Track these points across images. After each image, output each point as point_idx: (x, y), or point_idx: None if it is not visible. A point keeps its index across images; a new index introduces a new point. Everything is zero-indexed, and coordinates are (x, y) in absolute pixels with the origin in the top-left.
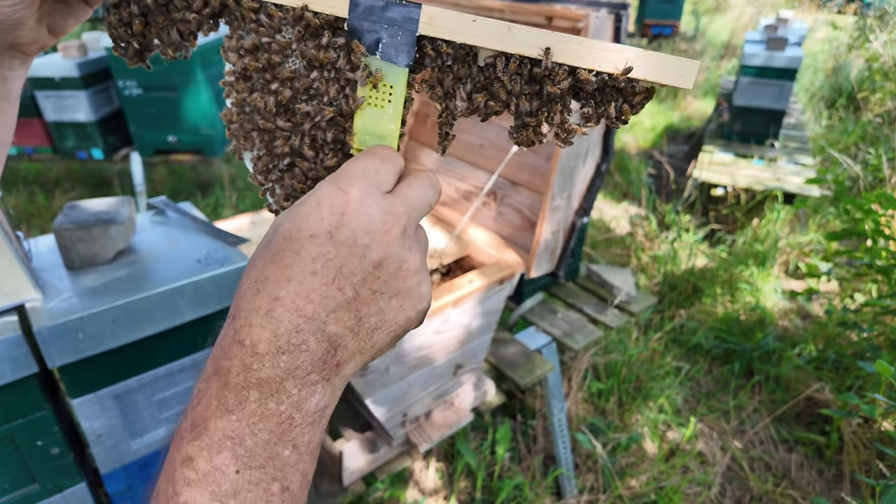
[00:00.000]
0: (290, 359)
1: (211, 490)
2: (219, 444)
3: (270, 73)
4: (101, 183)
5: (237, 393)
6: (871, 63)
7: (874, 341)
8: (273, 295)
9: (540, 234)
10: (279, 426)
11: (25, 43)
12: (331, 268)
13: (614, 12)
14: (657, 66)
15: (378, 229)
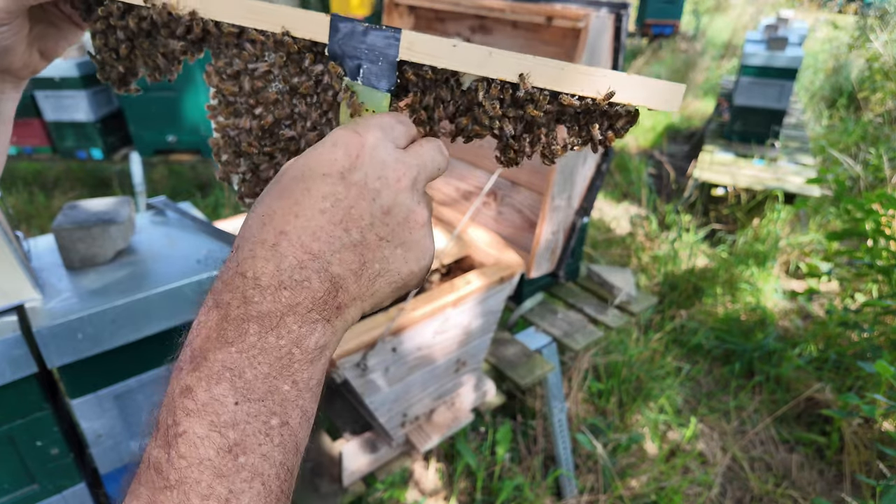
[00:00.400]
0: (292, 294)
1: (210, 420)
2: (217, 375)
3: (254, 97)
4: (100, 183)
5: (237, 325)
6: (872, 63)
7: (875, 341)
8: (279, 229)
9: (540, 234)
10: (279, 360)
11: (17, 68)
12: (340, 208)
13: (615, 12)
14: (642, 90)
15: (390, 176)
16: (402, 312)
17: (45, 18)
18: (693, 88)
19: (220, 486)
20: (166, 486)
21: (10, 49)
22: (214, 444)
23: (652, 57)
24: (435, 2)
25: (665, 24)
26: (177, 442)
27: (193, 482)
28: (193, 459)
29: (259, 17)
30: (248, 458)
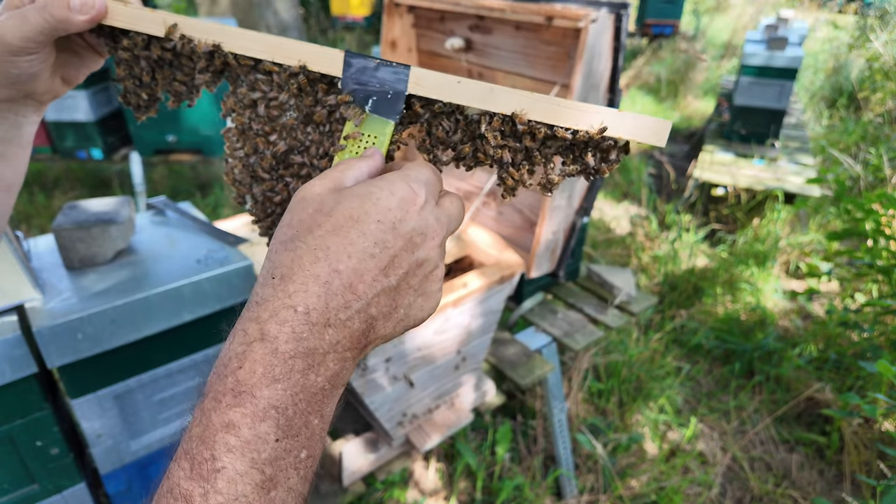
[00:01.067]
0: (335, 333)
1: (251, 457)
2: (263, 413)
3: (269, 125)
4: (100, 183)
5: (284, 361)
6: (872, 63)
7: (875, 341)
8: (334, 267)
9: (540, 234)
10: (314, 396)
11: (40, 93)
12: (386, 255)
13: (615, 12)
14: (632, 125)
15: (429, 234)
16: None
17: (69, 47)
18: (694, 88)
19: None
20: None
21: (36, 76)
22: (253, 480)
23: (652, 57)
24: (435, 2)
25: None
26: (215, 478)
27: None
28: (230, 496)
29: (278, 51)
30: (277, 491)
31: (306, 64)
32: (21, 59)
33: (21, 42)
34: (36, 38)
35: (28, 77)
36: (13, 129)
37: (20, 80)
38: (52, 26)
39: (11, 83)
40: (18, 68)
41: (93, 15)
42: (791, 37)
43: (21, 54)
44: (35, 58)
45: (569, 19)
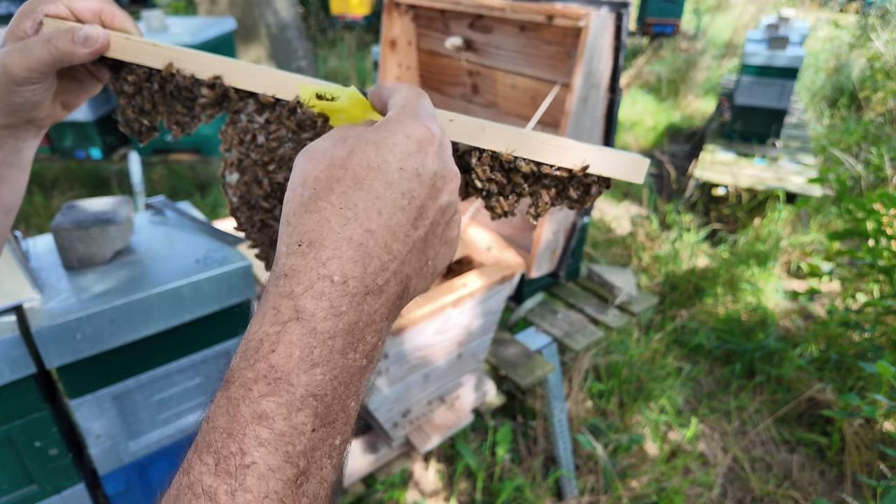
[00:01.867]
0: (374, 300)
1: (286, 451)
2: (301, 402)
3: (268, 155)
4: (99, 182)
5: (324, 342)
6: (873, 62)
7: (876, 342)
8: (366, 226)
9: (540, 234)
10: (352, 377)
11: (41, 118)
12: (415, 206)
13: (615, 11)
14: (612, 163)
15: (448, 175)
16: (402, 312)
17: (69, 74)
18: (694, 87)
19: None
20: None
21: (38, 104)
22: (285, 475)
23: (653, 56)
24: (435, 1)
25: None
26: (244, 474)
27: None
28: (260, 494)
29: (277, 85)
30: (309, 484)
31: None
32: (24, 88)
33: (25, 73)
34: (40, 69)
35: (31, 105)
36: (13, 153)
37: (23, 109)
38: (56, 58)
39: (14, 111)
40: (21, 97)
41: (96, 48)
42: (792, 36)
43: (25, 84)
44: (38, 87)
45: (569, 18)
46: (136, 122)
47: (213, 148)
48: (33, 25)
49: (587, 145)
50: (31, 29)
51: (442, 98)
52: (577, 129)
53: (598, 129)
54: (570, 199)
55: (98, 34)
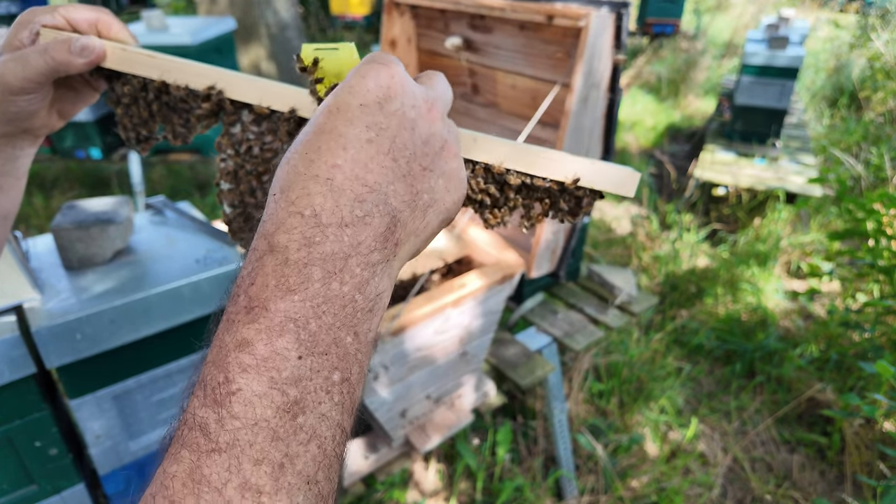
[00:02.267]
0: (354, 232)
1: (270, 376)
2: (280, 327)
3: (263, 165)
4: (99, 183)
5: (299, 270)
6: (873, 62)
7: (876, 342)
8: (330, 163)
9: (540, 234)
10: (343, 309)
11: (37, 127)
12: (385, 137)
13: (615, 11)
14: (603, 176)
15: (422, 106)
16: (403, 312)
17: (66, 83)
18: (694, 87)
19: (275, 450)
20: (214, 450)
21: (34, 113)
22: (273, 402)
23: (653, 56)
24: (435, 1)
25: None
26: (229, 401)
27: (246, 445)
28: (248, 420)
29: (271, 96)
30: (306, 417)
31: (296, 109)
32: (20, 98)
33: (22, 83)
34: (36, 79)
35: (27, 114)
36: (10, 162)
37: (19, 118)
38: (53, 68)
39: (9, 121)
40: (18, 106)
41: (92, 59)
42: (792, 36)
43: (21, 94)
44: (34, 97)
45: (569, 18)
46: (133, 132)
47: (213, 148)
48: (30, 36)
49: (579, 158)
50: (27, 39)
51: None
52: (577, 129)
53: (598, 129)
54: (561, 211)
55: (94, 44)
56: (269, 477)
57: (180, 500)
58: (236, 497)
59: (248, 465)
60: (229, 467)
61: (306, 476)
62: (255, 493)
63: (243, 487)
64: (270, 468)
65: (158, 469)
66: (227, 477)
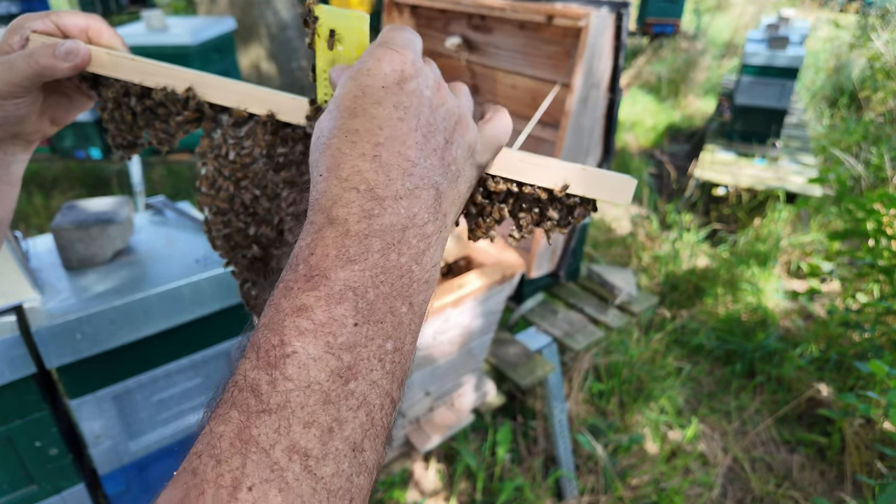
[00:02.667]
0: (409, 205)
1: (326, 341)
2: (339, 295)
3: (241, 172)
4: (99, 183)
5: (360, 241)
6: (873, 62)
7: (876, 342)
8: (373, 141)
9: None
10: (399, 279)
11: (29, 133)
12: (412, 115)
13: (615, 11)
14: (595, 182)
15: (433, 85)
16: None
17: (58, 90)
18: (694, 87)
19: (325, 414)
20: (264, 411)
21: (23, 118)
22: (327, 366)
23: (653, 56)
24: (435, 1)
25: (666, 23)
26: (284, 363)
27: (297, 407)
28: (301, 382)
29: (249, 100)
30: (357, 384)
31: (275, 113)
32: (8, 102)
33: (7, 87)
34: (22, 83)
35: (16, 119)
36: (2, 168)
37: (7, 122)
38: (38, 72)
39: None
40: (5, 111)
41: (76, 62)
42: (792, 36)
43: (8, 98)
44: (22, 101)
45: (569, 18)
46: (118, 136)
47: None
48: (20, 41)
49: (569, 164)
50: (17, 44)
51: None
52: (576, 129)
53: (598, 129)
54: (551, 220)
55: (78, 48)
56: (317, 440)
57: (227, 460)
58: (283, 459)
59: (297, 428)
60: (279, 428)
61: (353, 443)
62: (303, 455)
63: (291, 450)
64: (319, 432)
65: (205, 429)
66: (275, 438)
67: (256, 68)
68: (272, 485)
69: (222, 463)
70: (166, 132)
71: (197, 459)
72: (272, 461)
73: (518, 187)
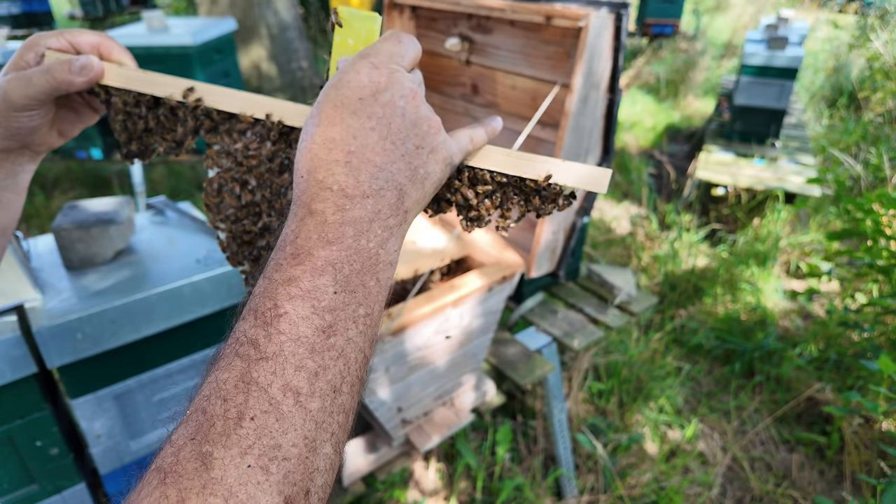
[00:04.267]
0: (374, 202)
1: (311, 304)
2: (321, 269)
3: (248, 174)
4: (100, 183)
5: (335, 228)
6: (872, 62)
7: (875, 341)
8: (345, 150)
9: (540, 233)
10: (368, 260)
11: (37, 144)
12: (383, 125)
13: (615, 11)
14: (575, 174)
15: (409, 94)
16: (403, 312)
17: (67, 104)
18: (694, 88)
19: (312, 361)
20: (262, 358)
21: (35, 129)
22: (313, 324)
23: (652, 56)
24: (435, 1)
25: (665, 24)
26: (277, 321)
27: (290, 354)
28: (292, 335)
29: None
30: (336, 339)
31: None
32: (23, 114)
33: (24, 100)
34: (38, 96)
35: (28, 130)
36: (10, 177)
37: (20, 133)
38: (54, 87)
39: (11, 135)
40: (19, 122)
41: (90, 77)
42: (791, 36)
43: (23, 110)
44: (36, 113)
45: (569, 19)
46: (130, 144)
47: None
48: (35, 57)
49: (550, 158)
50: (33, 60)
51: (442, 98)
52: (576, 130)
53: (597, 129)
54: (535, 208)
55: (93, 64)
56: (306, 381)
57: (232, 398)
58: (279, 395)
59: (290, 370)
60: (274, 371)
61: (333, 385)
62: (294, 392)
63: (285, 388)
64: (307, 374)
65: (210, 378)
66: (272, 379)
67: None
68: (270, 415)
69: (228, 401)
70: (175, 139)
71: (205, 401)
72: (270, 396)
73: (505, 179)
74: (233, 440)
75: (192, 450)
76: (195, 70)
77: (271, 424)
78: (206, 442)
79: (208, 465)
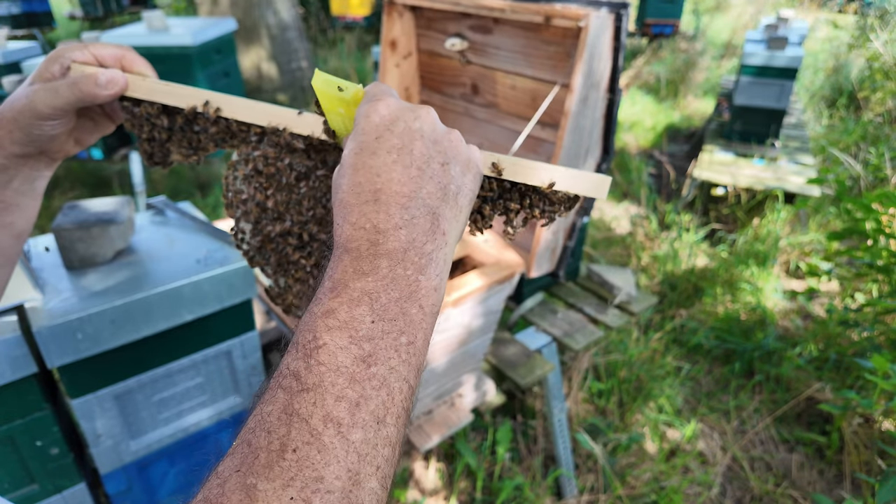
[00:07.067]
0: (408, 232)
1: (349, 334)
2: (357, 299)
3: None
4: (100, 183)
5: (370, 261)
6: (872, 62)
7: (875, 341)
8: (372, 189)
9: (540, 234)
10: (408, 287)
11: (55, 151)
12: (405, 154)
13: (615, 12)
14: (576, 180)
15: (421, 115)
16: None
17: (86, 114)
18: (693, 88)
19: (352, 391)
20: (303, 389)
21: (55, 137)
22: (351, 354)
23: (652, 56)
24: (435, 1)
25: (665, 24)
26: (317, 352)
27: (329, 385)
28: (331, 366)
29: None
30: (378, 368)
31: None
32: (46, 122)
33: (50, 110)
34: (64, 107)
35: (48, 138)
36: (27, 182)
37: (41, 140)
38: (80, 99)
39: (32, 142)
40: (41, 130)
41: (115, 90)
42: (791, 36)
43: (48, 119)
44: (58, 122)
45: (569, 19)
46: (154, 153)
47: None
48: (61, 69)
49: (552, 166)
50: (58, 72)
51: (442, 98)
52: (576, 130)
53: (597, 129)
54: (539, 214)
55: (117, 77)
56: (346, 411)
57: (275, 430)
58: (319, 426)
59: (330, 401)
60: (315, 402)
61: (377, 416)
62: (335, 423)
63: (326, 419)
64: (348, 404)
65: (255, 410)
66: (312, 410)
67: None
68: (312, 446)
69: (271, 433)
70: (196, 147)
71: (251, 433)
72: (311, 427)
73: (511, 186)
74: (275, 472)
75: (237, 481)
76: (195, 70)
77: (313, 456)
78: (250, 474)
79: (252, 497)
